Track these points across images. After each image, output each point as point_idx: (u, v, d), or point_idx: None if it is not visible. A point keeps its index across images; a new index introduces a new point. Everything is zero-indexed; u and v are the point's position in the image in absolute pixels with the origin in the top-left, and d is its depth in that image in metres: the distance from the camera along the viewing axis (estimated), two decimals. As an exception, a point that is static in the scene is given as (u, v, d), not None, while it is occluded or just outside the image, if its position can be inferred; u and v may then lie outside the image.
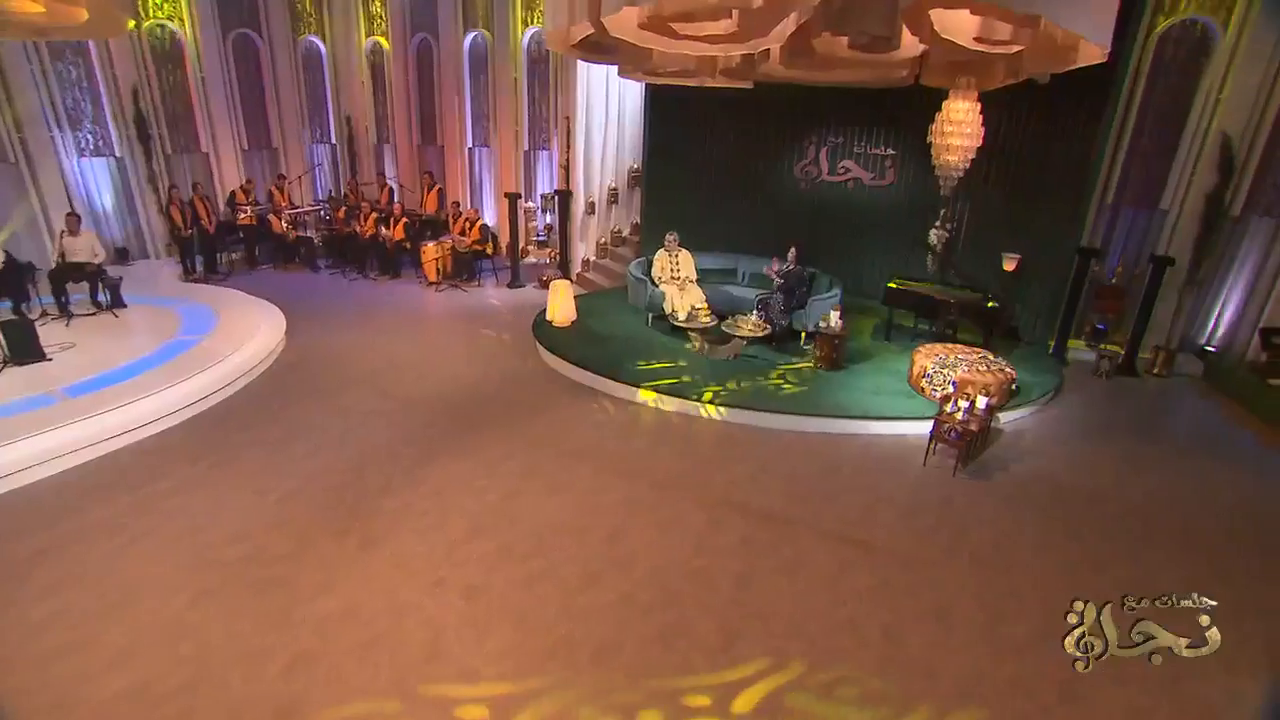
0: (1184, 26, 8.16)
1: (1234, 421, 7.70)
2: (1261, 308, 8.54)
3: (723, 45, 7.13)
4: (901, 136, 9.79)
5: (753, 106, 10.21)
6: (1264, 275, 8.45)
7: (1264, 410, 7.64)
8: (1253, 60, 7.88)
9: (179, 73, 11.86)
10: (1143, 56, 8.17)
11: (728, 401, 7.20)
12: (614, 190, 11.76)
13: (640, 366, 7.91)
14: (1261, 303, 8.52)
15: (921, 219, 9.85)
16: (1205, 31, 8.15)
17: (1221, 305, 8.76)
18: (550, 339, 8.66)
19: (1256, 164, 8.14)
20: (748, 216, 10.82)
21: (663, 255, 9.40)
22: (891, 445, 6.81)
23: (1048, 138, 8.57)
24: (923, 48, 7.40)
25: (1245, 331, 8.66)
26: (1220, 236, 8.38)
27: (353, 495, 5.51)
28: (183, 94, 11.99)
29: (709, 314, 8.49)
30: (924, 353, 7.73)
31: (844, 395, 7.44)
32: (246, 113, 12.91)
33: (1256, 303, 8.53)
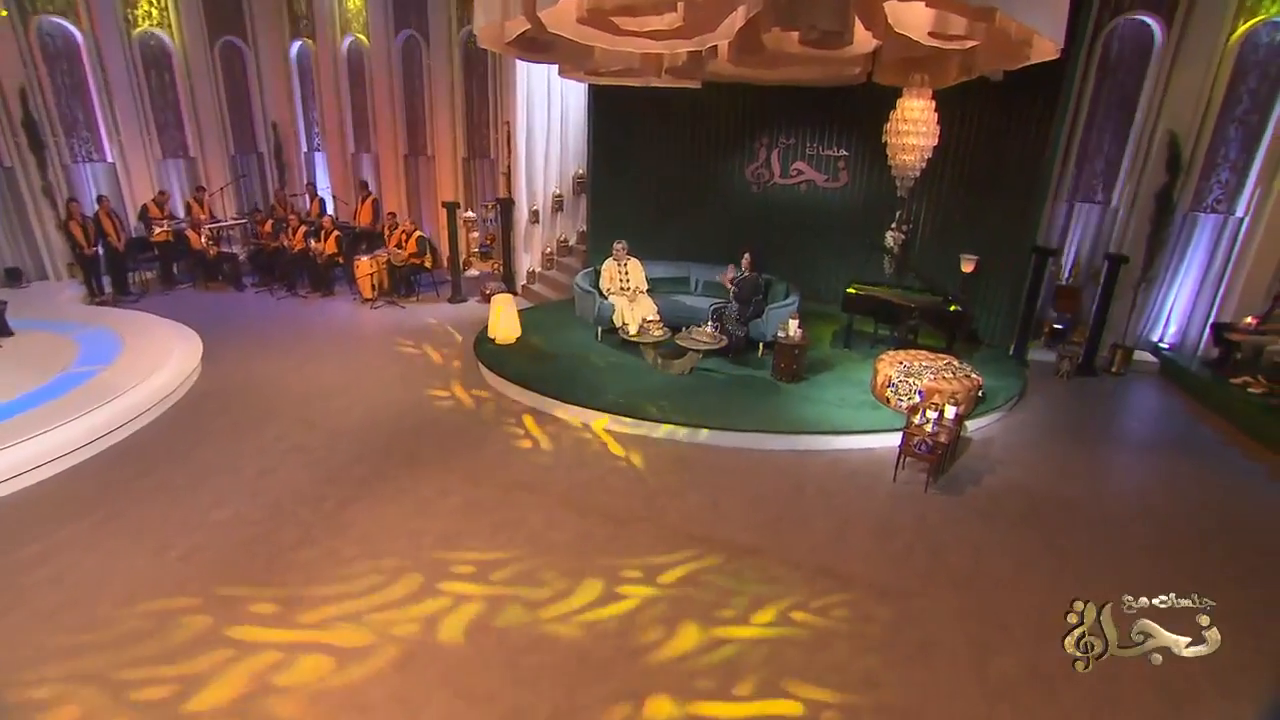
0: (1129, 24, 8.10)
1: (1195, 419, 7.63)
2: (1211, 303, 8.57)
3: (668, 42, 6.72)
4: (854, 137, 9.58)
5: (701, 107, 9.92)
6: (1212, 271, 8.49)
7: (1226, 411, 7.58)
8: (1194, 59, 7.87)
9: (76, 73, 10.85)
10: (1091, 54, 8.10)
11: (684, 421, 6.78)
12: (559, 197, 11.27)
13: (590, 385, 7.42)
14: (1211, 298, 8.55)
15: (877, 221, 9.59)
16: (1149, 30, 8.12)
17: (1173, 302, 8.76)
18: (493, 358, 8.10)
19: (1202, 162, 8.15)
20: (699, 222, 10.46)
21: (611, 265, 8.94)
22: (859, 460, 6.48)
23: (1002, 136, 8.44)
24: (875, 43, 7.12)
25: (1197, 327, 8.68)
26: (1170, 233, 8.35)
27: (266, 547, 4.86)
28: (82, 97, 10.99)
29: (661, 326, 8.06)
30: (887, 361, 7.45)
31: (806, 409, 7.10)
32: (159, 119, 11.95)
33: (1206, 298, 8.55)
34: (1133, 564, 5.12)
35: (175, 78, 12.00)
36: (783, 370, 7.78)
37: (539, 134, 10.59)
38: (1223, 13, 7.66)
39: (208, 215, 11.73)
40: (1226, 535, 5.55)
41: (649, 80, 8.78)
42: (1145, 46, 8.17)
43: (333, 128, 12.83)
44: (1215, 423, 7.54)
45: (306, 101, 13.16)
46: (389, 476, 5.87)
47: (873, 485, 6.06)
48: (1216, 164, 8.12)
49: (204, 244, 11.19)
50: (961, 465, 6.48)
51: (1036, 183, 8.22)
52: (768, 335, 8.35)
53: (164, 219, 11.03)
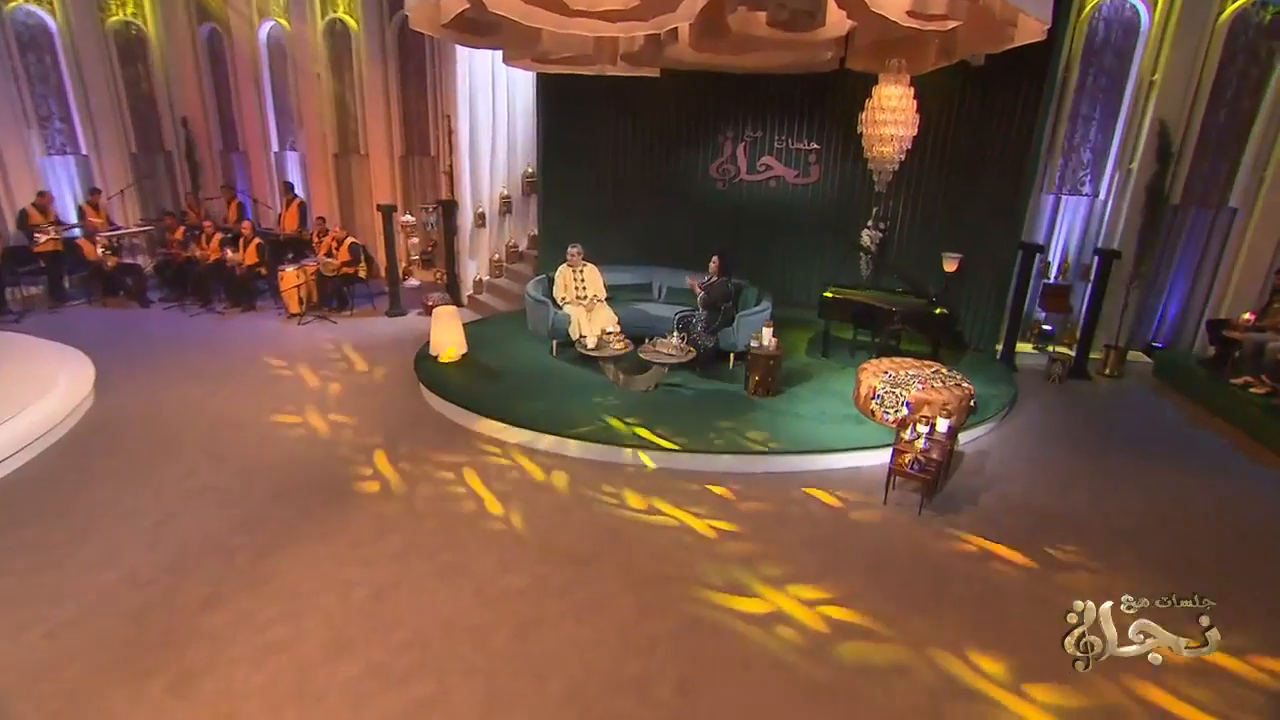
0: (1114, 4, 8.12)
1: (1196, 423, 7.62)
2: (1205, 300, 8.61)
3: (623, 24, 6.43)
4: (826, 129, 9.44)
5: (661, 98, 9.70)
6: (1205, 266, 8.54)
7: (1228, 413, 7.58)
8: (1182, 41, 7.91)
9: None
10: (1075, 38, 8.08)
11: (651, 443, 6.46)
12: (507, 199, 10.91)
13: (545, 406, 7.06)
14: (1205, 295, 8.60)
15: (852, 219, 9.54)
16: (1134, 11, 8.15)
17: (1165, 299, 8.79)
18: (436, 377, 7.67)
19: (1192, 152, 8.19)
20: (660, 223, 10.20)
21: (565, 272, 8.60)
22: (845, 481, 6.25)
23: (984, 126, 8.39)
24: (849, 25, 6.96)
25: (1190, 325, 8.72)
26: (1163, 227, 8.37)
27: (164, 614, 4.36)
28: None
29: (622, 339, 7.74)
30: (870, 370, 7.25)
31: (785, 426, 6.85)
32: (41, 112, 11.19)
33: (1200, 295, 8.59)
34: (1153, 581, 4.96)
35: (59, 61, 11.24)
36: (757, 383, 7.54)
37: (484, 129, 10.24)
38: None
39: (105, 221, 11.03)
40: (1244, 546, 5.46)
41: (603, 68, 8.51)
42: (1131, 28, 8.20)
43: (252, 124, 12.24)
44: (1217, 426, 7.53)
45: (222, 94, 12.54)
46: (315, 515, 5.41)
47: (861, 509, 5.82)
48: (1207, 153, 8.16)
49: (100, 254, 10.49)
50: (956, 483, 6.29)
51: (1022, 174, 8.17)
52: (739, 345, 8.11)
53: (50, 225, 10.29)
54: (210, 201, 12.32)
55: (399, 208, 10.98)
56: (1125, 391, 8.41)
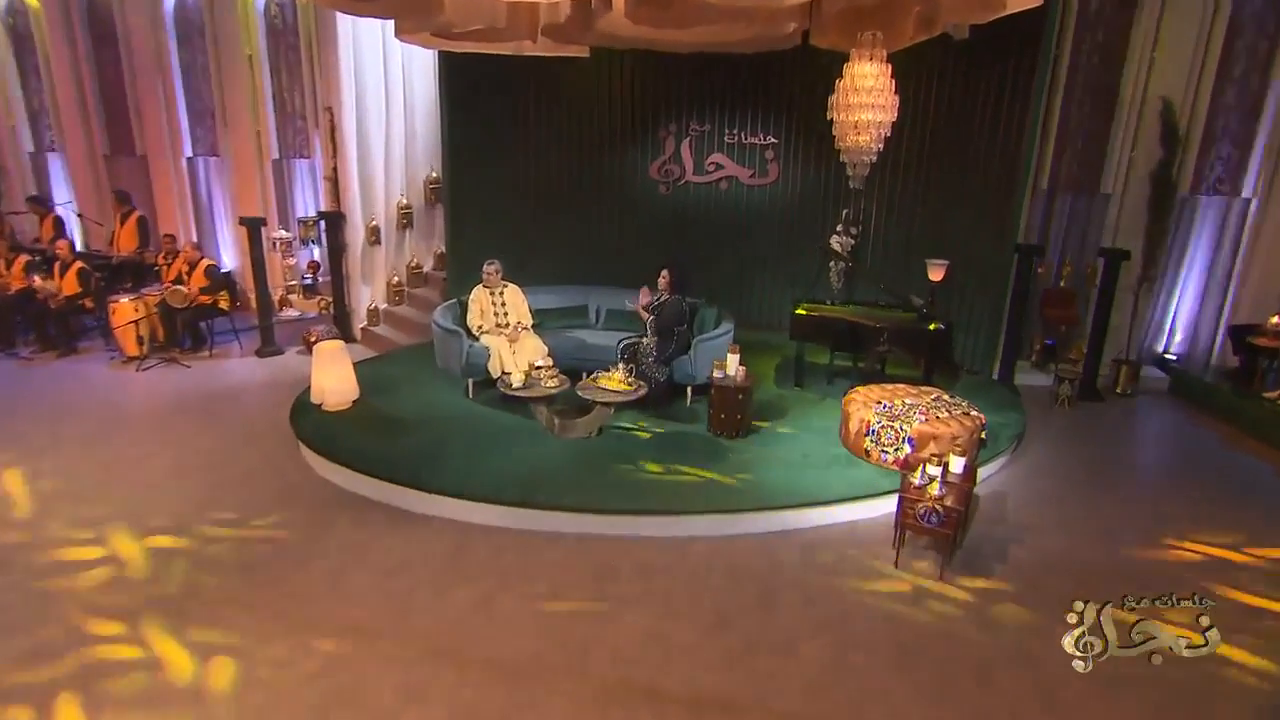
0: None
1: (1231, 446, 7.33)
2: (1221, 303, 8.42)
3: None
4: (785, 120, 9.06)
5: (590, 85, 9.18)
6: (1219, 264, 8.35)
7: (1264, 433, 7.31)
8: (1183, 13, 7.78)
9: None
10: (1065, 13, 7.85)
11: (597, 506, 5.65)
12: (407, 209, 10.06)
13: (461, 464, 6.17)
14: (1221, 297, 8.40)
15: (819, 223, 9.16)
16: None
17: (1177, 304, 8.57)
18: (319, 433, 6.69)
19: (1200, 133, 8.04)
20: (594, 234, 9.63)
21: (481, 295, 7.78)
22: (843, 540, 5.58)
23: (970, 111, 8.09)
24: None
25: (1207, 332, 8.52)
26: (1171, 222, 8.15)
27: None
28: None
29: (555, 374, 6.93)
30: (860, 401, 6.64)
31: (763, 473, 6.16)
32: None
33: (1215, 297, 8.39)
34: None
35: None
36: (723, 421, 6.85)
37: (375, 124, 9.44)
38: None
39: None
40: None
41: (520, 46, 7.86)
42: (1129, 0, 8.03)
43: (72, 120, 10.98)
44: (1253, 448, 7.25)
45: (29, 82, 11.21)
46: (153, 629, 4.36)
47: (869, 577, 5.13)
48: (1216, 136, 8.02)
49: None
50: (977, 534, 5.69)
51: (1016, 166, 7.85)
52: (698, 377, 7.43)
53: None
54: (15, 217, 10.99)
55: (270, 221, 9.93)
56: (1143, 412, 8.10)
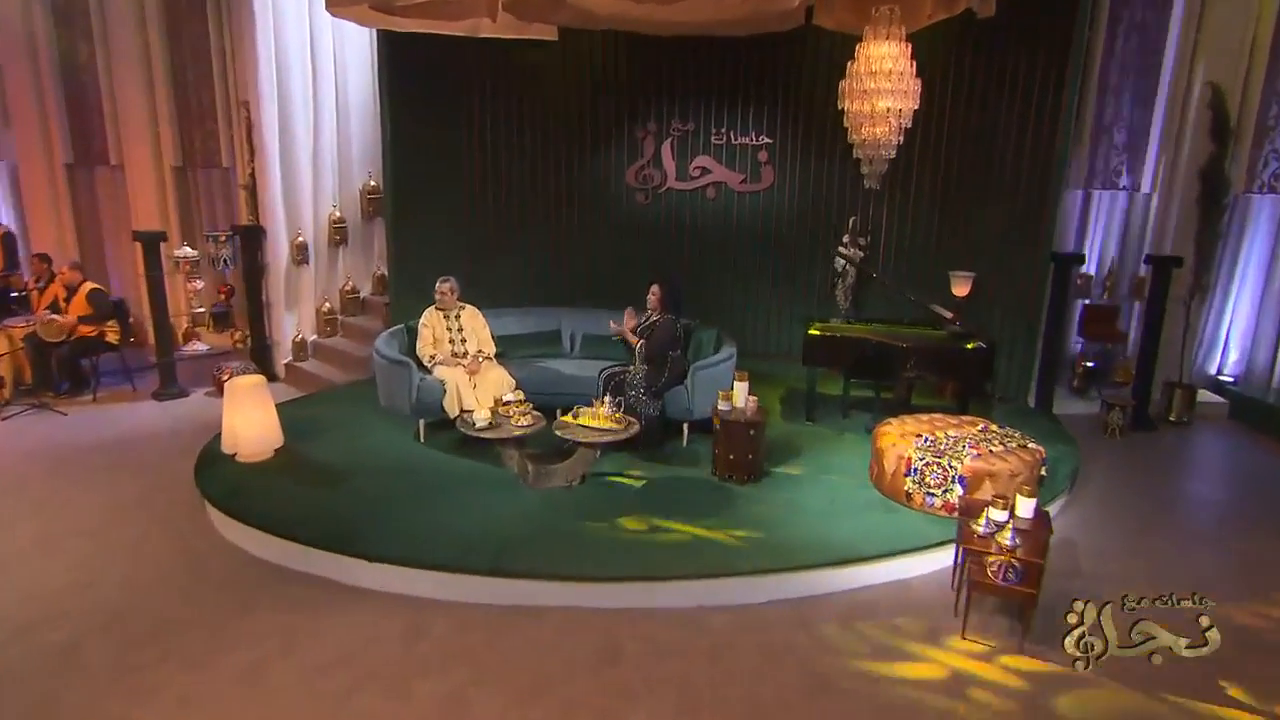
0: None
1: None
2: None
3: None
4: (780, 116, 8.56)
5: (558, 78, 8.63)
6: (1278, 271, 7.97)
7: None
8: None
9: None
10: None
11: (592, 572, 4.87)
12: (340, 223, 9.31)
13: (412, 525, 5.34)
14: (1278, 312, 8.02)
15: (820, 234, 8.63)
16: None
17: (1230, 318, 8.18)
18: (232, 490, 5.80)
19: (1254, 123, 7.71)
20: (565, 250, 9.02)
21: (434, 318, 7.01)
22: (892, 603, 4.90)
23: (994, 100, 7.67)
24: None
25: (1267, 350, 8.15)
26: (1224, 225, 7.77)
27: None
28: None
29: (528, 410, 6.14)
30: (894, 435, 5.98)
31: (784, 524, 5.48)
32: None
33: (1274, 309, 8.01)
34: None
35: None
36: (731, 464, 6.16)
37: (301, 122, 8.75)
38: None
39: None
40: None
41: (476, 26, 7.27)
42: None
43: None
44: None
45: None
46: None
47: (929, 652, 4.39)
48: (1269, 126, 7.68)
49: None
50: (1050, 590, 4.94)
51: (1049, 161, 7.46)
52: (696, 411, 6.74)
53: None
54: None
55: (171, 237, 9.03)
56: (1205, 442, 7.64)
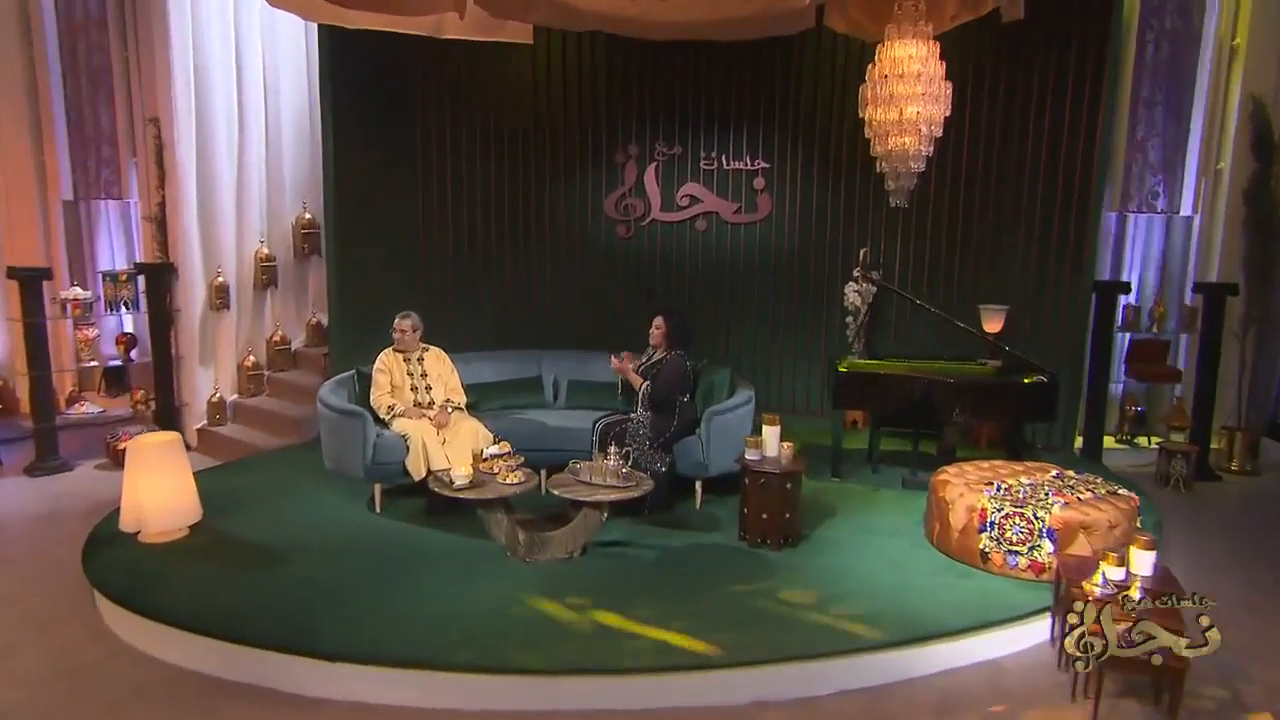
0: None
1: None
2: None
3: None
4: (775, 138, 8.26)
5: (528, 96, 8.27)
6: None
7: None
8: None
9: None
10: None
11: (613, 664, 4.18)
12: (269, 261, 8.57)
13: (371, 616, 4.58)
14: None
15: (827, 269, 8.30)
16: None
17: None
18: (133, 577, 4.95)
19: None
20: (534, 290, 8.55)
21: (392, 362, 6.29)
22: (985, 690, 4.32)
23: (1023, 112, 7.51)
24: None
25: None
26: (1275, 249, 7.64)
27: None
28: None
29: (516, 465, 5.43)
30: (958, 483, 5.45)
31: (841, 596, 4.89)
32: None
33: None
34: None
35: None
36: (764, 524, 5.54)
37: (224, 142, 8.11)
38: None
39: None
40: None
41: (439, 25, 6.94)
42: None
43: None
44: None
45: None
46: None
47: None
48: None
49: None
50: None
51: (1089, 179, 7.30)
52: (711, 466, 6.13)
53: None
54: None
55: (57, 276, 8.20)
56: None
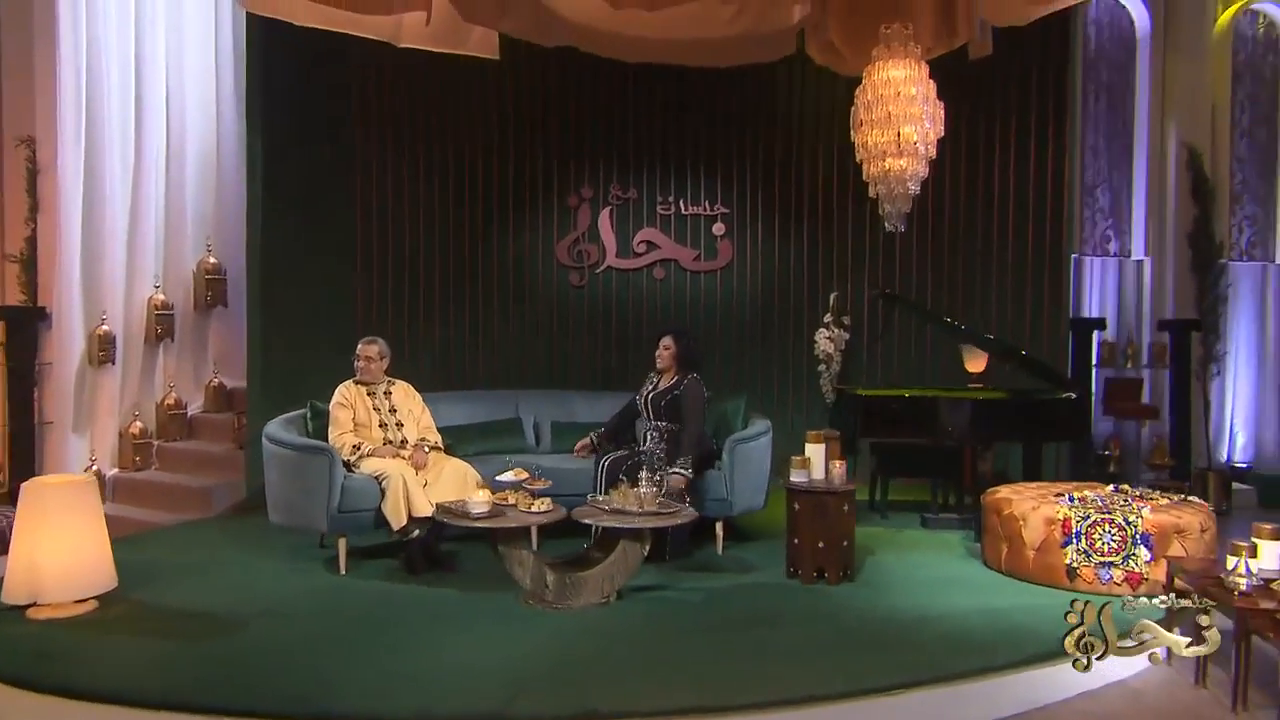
0: (1103, 7, 8.23)
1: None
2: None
3: None
4: (735, 182, 8.01)
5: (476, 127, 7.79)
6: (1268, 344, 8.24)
7: None
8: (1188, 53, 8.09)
9: None
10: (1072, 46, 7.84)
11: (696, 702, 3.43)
12: (165, 310, 7.35)
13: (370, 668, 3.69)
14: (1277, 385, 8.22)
15: (794, 317, 8.00)
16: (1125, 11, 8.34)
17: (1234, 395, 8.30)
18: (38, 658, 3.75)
19: (1229, 186, 8.21)
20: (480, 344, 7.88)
21: (353, 393, 5.34)
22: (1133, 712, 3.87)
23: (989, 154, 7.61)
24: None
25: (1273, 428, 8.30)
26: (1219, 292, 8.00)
27: None
28: None
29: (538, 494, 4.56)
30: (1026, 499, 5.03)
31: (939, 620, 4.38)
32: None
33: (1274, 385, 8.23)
34: None
35: None
36: (820, 554, 4.89)
37: (115, 172, 7.08)
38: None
39: None
40: None
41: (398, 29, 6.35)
42: (1127, 35, 8.31)
43: None
44: None
45: None
46: None
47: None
48: (1236, 193, 8.28)
49: None
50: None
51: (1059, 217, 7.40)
52: (736, 503, 5.48)
53: None
54: None
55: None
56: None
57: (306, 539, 5.45)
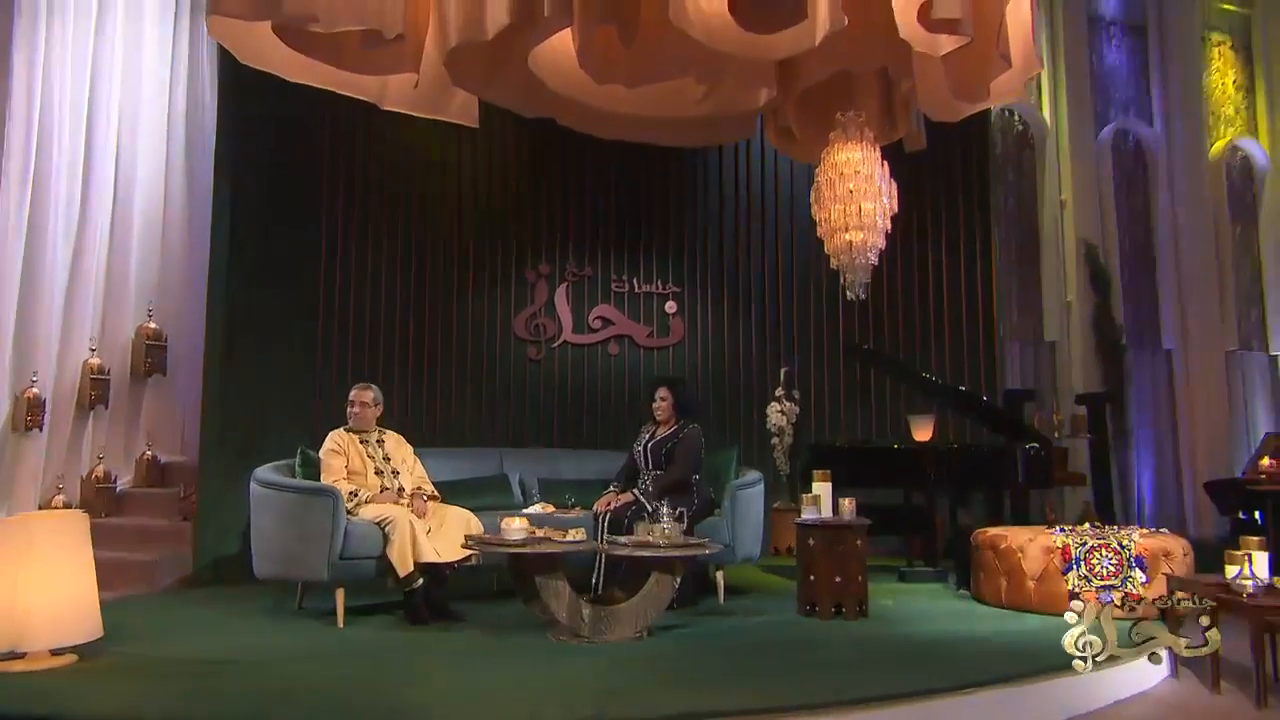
0: (1002, 118, 8.97)
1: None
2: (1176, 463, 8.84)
3: None
4: (684, 262, 8.18)
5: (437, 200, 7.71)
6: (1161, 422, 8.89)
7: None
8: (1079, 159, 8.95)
9: None
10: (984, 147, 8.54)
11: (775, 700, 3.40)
12: (100, 375, 6.68)
13: None
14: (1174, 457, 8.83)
15: (741, 394, 8.12)
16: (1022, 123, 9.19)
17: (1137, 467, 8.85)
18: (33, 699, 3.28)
19: (1124, 279, 8.91)
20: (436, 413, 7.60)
21: (345, 440, 5.05)
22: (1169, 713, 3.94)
23: (920, 237, 8.01)
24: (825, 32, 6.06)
25: (1171, 497, 8.86)
26: (1122, 373, 8.64)
27: None
28: None
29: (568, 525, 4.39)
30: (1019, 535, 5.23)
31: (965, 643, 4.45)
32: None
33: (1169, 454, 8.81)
34: None
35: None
36: (836, 589, 4.89)
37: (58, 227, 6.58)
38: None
39: None
40: None
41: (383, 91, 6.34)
42: (1024, 142, 9.11)
43: None
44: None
45: None
46: None
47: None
48: (1135, 279, 9.02)
49: None
50: None
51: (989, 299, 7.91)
52: (739, 550, 5.42)
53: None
54: None
55: None
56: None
57: (283, 600, 5.05)
